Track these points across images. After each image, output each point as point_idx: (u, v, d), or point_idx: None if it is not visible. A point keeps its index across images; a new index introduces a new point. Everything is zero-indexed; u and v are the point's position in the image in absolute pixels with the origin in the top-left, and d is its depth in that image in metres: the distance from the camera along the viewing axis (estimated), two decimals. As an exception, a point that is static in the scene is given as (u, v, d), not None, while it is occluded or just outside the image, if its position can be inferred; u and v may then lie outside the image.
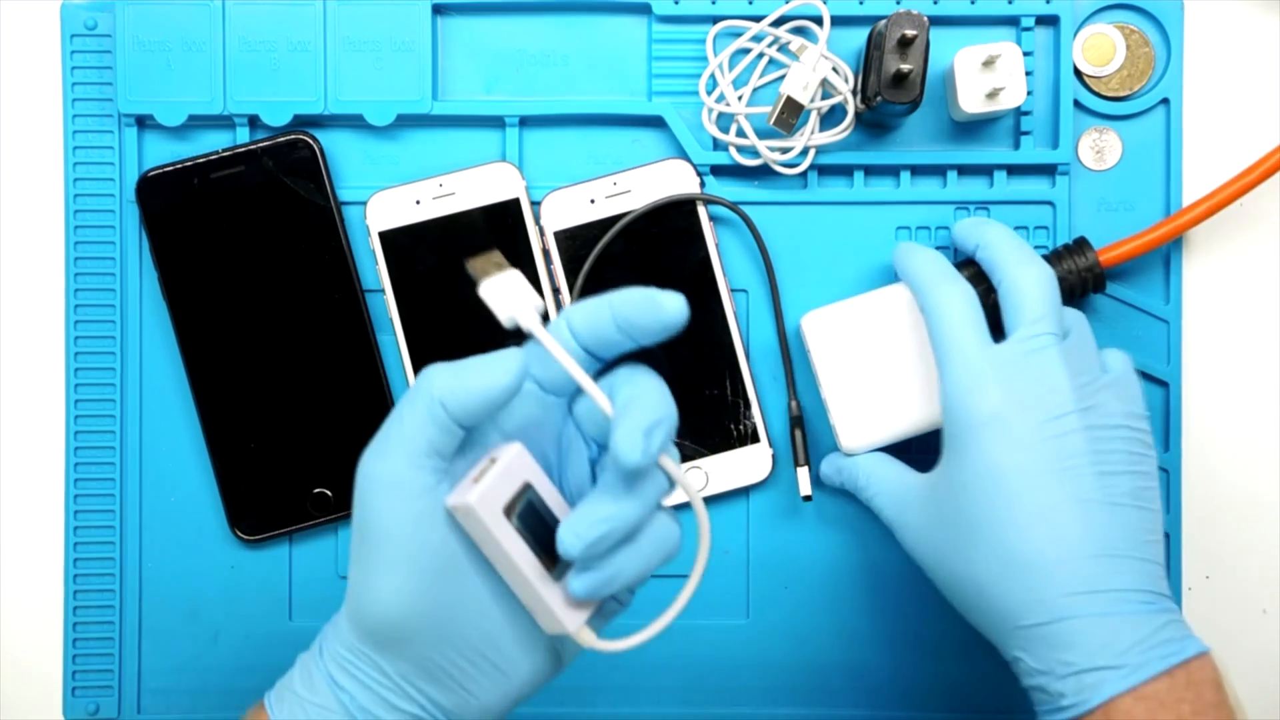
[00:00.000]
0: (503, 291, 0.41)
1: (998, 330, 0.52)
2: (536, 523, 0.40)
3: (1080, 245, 0.56)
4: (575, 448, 0.42)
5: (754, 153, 0.58)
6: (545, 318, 0.40)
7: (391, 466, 0.39)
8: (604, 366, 0.42)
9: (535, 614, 0.41)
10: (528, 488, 0.40)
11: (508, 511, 0.39)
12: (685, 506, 0.59)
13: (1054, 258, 0.56)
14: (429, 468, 0.39)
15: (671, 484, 0.41)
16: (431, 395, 0.39)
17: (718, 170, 0.59)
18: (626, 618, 0.44)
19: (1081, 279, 0.56)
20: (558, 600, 0.40)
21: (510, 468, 0.39)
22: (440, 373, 0.39)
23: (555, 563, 0.40)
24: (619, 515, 0.39)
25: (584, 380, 0.40)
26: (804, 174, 0.58)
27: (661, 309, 0.40)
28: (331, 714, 0.41)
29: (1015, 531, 0.46)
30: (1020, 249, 0.51)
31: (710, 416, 0.58)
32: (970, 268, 0.56)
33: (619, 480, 0.40)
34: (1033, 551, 0.46)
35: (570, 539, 0.39)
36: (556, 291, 0.58)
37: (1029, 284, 0.50)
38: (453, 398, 0.38)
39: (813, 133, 0.57)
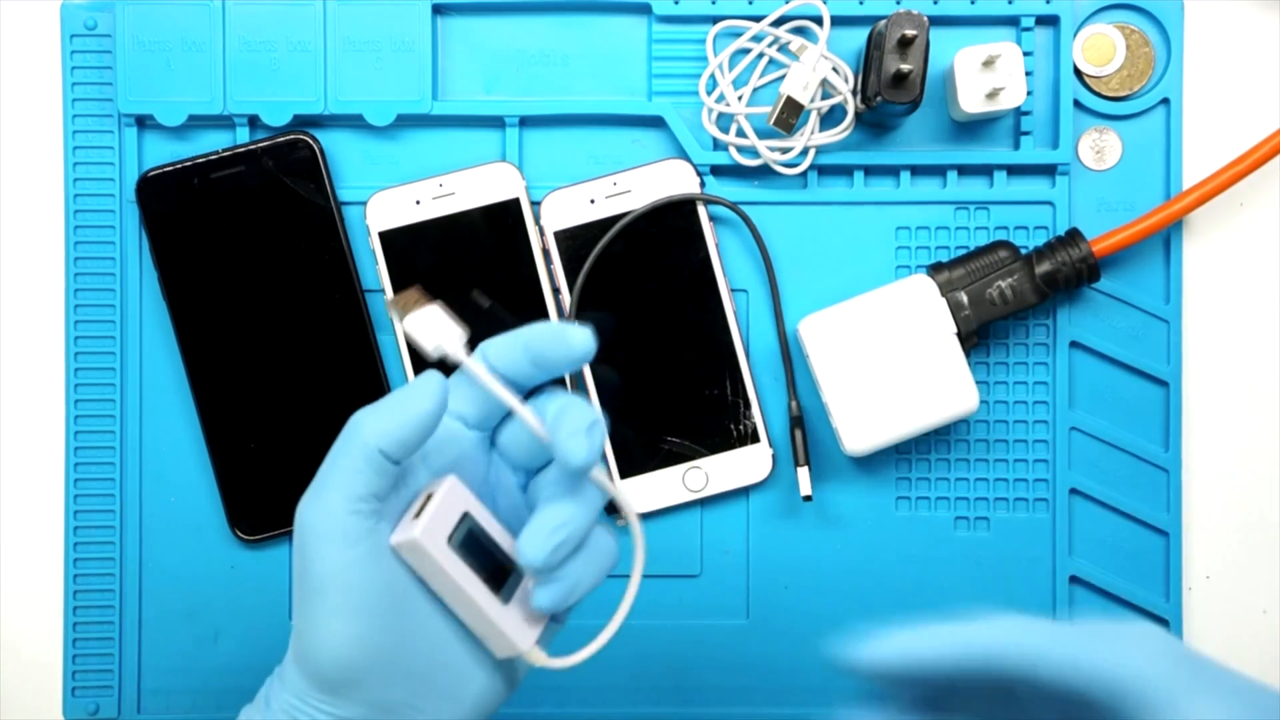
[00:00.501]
0: (427, 325, 0.42)
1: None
2: (479, 549, 0.41)
3: (1073, 236, 0.56)
4: (503, 481, 0.44)
5: (754, 153, 0.58)
6: (471, 345, 0.42)
7: (330, 514, 0.39)
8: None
9: (486, 639, 0.42)
10: (466, 516, 0.41)
11: (451, 541, 0.40)
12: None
13: (1046, 250, 0.56)
14: (366, 511, 0.40)
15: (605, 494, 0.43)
16: (364, 440, 0.39)
17: (718, 170, 0.59)
18: (574, 623, 0.45)
19: (1076, 270, 0.56)
20: (509, 622, 0.41)
21: (448, 499, 0.41)
22: (367, 416, 0.40)
23: (501, 586, 0.41)
24: (573, 520, 0.41)
25: (512, 401, 0.41)
26: (804, 174, 0.58)
27: (570, 344, 0.41)
28: None
29: None
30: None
31: (710, 416, 0.58)
32: (974, 261, 0.56)
33: (565, 490, 0.41)
34: None
35: (532, 548, 0.40)
36: (557, 291, 0.58)
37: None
38: (385, 438, 0.39)
39: (813, 133, 0.57)
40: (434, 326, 0.42)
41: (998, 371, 0.59)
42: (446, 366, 0.41)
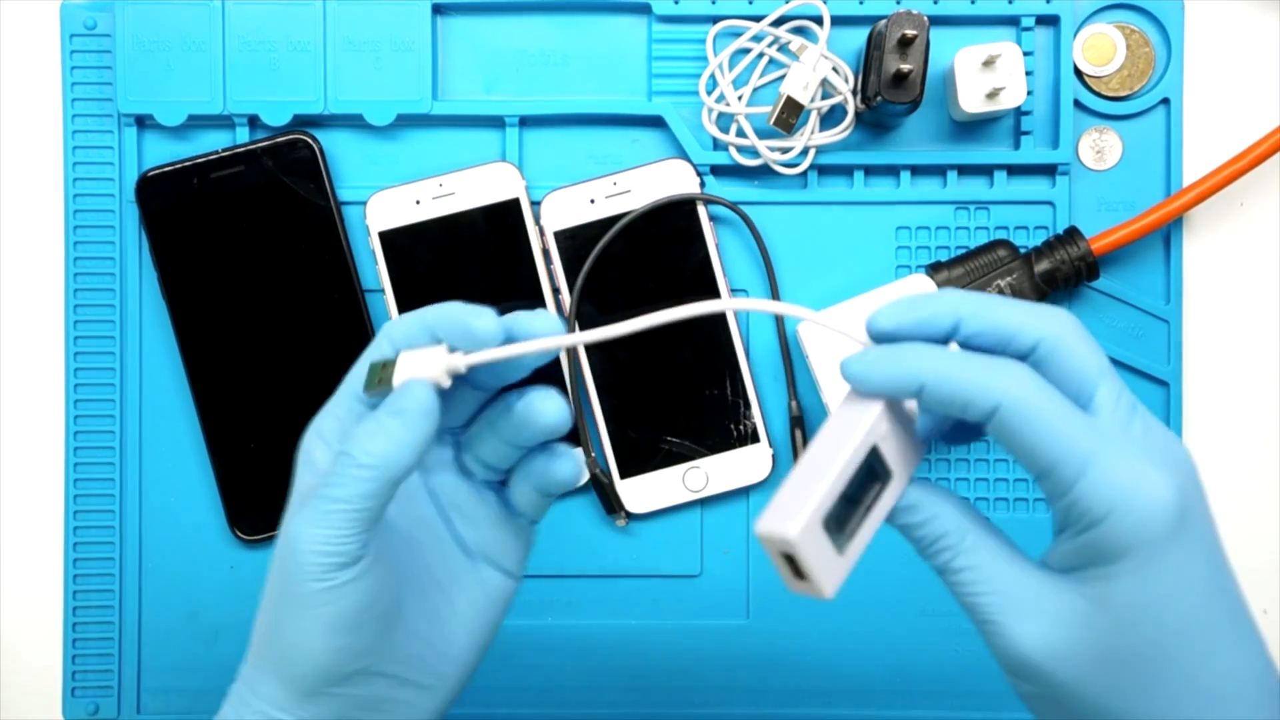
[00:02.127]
0: (407, 377, 0.38)
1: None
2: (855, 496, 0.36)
3: (1071, 234, 0.56)
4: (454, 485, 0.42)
5: (754, 153, 0.58)
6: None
7: (327, 537, 0.37)
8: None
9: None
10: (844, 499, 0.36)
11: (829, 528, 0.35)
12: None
13: (1045, 249, 0.56)
14: (365, 534, 0.38)
15: None
16: (369, 465, 0.37)
17: (718, 170, 0.59)
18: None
19: (1075, 268, 0.56)
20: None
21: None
22: (368, 440, 0.37)
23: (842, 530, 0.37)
24: None
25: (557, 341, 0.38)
26: (804, 174, 0.58)
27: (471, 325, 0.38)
28: None
29: (1214, 657, 0.37)
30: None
31: (710, 416, 0.58)
32: (974, 260, 0.56)
33: None
34: (1231, 677, 0.37)
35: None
36: (557, 291, 0.58)
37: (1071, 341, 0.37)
38: (393, 468, 0.37)
39: (813, 133, 0.57)
40: (411, 372, 0.38)
41: (998, 371, 0.59)
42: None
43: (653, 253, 0.58)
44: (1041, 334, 0.36)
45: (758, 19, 0.58)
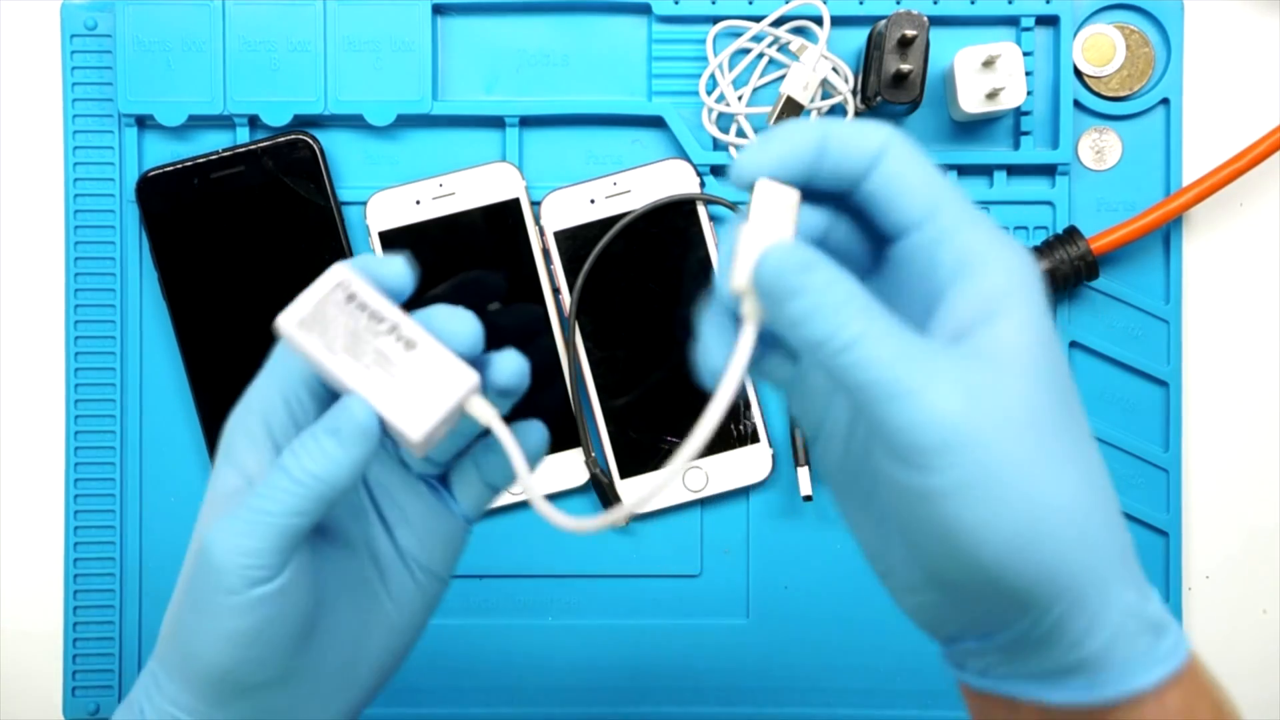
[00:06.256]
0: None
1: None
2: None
3: (1071, 234, 0.56)
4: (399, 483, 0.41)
5: (754, 153, 0.58)
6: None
7: (255, 549, 0.35)
8: None
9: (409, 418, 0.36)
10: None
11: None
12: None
13: (1045, 248, 0.56)
14: (287, 555, 0.36)
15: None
16: (311, 477, 0.36)
17: (718, 170, 0.59)
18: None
19: (1074, 267, 0.56)
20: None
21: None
22: (311, 457, 0.36)
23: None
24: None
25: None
26: (804, 174, 0.58)
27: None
28: None
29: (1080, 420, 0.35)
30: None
31: (710, 416, 0.58)
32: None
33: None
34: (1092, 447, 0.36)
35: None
36: (557, 291, 0.58)
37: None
38: (333, 485, 0.36)
39: (813, 133, 0.57)
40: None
41: (998, 371, 0.59)
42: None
43: (653, 253, 0.58)
44: (885, 143, 0.34)
45: (758, 19, 0.58)
